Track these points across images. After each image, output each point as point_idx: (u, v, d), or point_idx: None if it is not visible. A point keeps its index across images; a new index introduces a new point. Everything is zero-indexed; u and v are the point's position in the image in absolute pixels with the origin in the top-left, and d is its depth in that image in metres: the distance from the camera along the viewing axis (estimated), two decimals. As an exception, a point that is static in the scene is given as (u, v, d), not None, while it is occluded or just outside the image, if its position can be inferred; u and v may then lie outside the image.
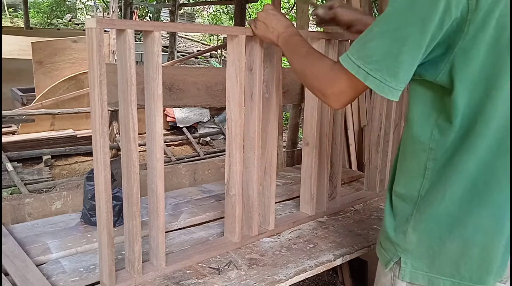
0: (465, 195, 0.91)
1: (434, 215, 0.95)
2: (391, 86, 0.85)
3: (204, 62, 11.75)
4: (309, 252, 1.52)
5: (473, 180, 0.90)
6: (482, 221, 0.91)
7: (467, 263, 0.93)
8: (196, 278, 1.33)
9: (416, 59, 0.84)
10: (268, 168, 1.58)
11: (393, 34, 0.84)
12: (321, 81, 0.98)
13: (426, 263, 0.97)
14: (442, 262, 0.95)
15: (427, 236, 0.96)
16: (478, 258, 0.93)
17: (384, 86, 0.85)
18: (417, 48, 0.83)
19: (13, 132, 4.88)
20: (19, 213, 1.71)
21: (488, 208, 0.90)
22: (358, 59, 0.87)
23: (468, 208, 0.91)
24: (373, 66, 0.85)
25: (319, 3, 1.50)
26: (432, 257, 0.96)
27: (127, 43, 1.12)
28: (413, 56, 0.83)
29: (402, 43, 0.83)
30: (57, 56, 5.41)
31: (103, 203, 1.18)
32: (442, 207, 0.93)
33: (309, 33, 1.63)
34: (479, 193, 0.90)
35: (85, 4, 18.23)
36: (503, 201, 0.90)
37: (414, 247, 0.98)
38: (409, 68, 0.85)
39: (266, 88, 1.50)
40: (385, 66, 0.84)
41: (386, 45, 0.84)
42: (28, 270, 1.31)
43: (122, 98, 1.19)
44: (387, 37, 0.84)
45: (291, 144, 3.03)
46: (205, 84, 2.09)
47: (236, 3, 5.99)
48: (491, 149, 0.88)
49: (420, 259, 0.97)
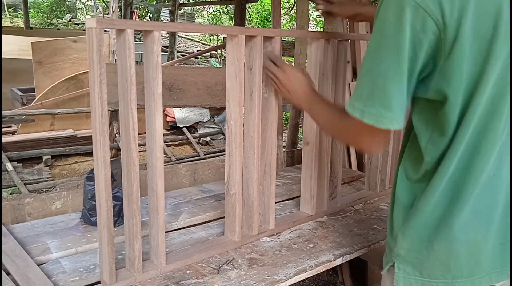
0: (447, 195, 0.94)
1: (422, 220, 0.97)
2: (387, 117, 0.88)
3: (204, 62, 11.75)
4: (309, 252, 1.52)
5: (452, 179, 0.93)
6: (463, 218, 0.93)
7: (456, 262, 0.95)
8: (196, 278, 1.33)
9: (402, 86, 0.87)
10: (268, 167, 1.58)
11: (375, 70, 0.89)
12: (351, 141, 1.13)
13: (417, 268, 0.98)
14: (432, 265, 0.96)
15: (417, 241, 0.98)
16: (465, 254, 0.94)
17: (383, 119, 0.89)
18: (399, 77, 0.86)
19: (13, 132, 4.87)
20: (19, 213, 1.71)
21: (467, 203, 0.92)
22: (356, 101, 0.93)
23: (450, 207, 0.94)
24: (366, 102, 0.90)
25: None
26: (422, 261, 0.97)
27: (126, 43, 1.12)
28: (399, 85, 0.87)
29: (384, 76, 0.87)
30: (57, 56, 5.41)
31: (103, 202, 1.18)
32: (429, 211, 0.96)
33: (309, 33, 1.63)
34: (458, 191, 0.93)
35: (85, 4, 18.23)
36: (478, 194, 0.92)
37: (405, 252, 1.00)
38: (399, 97, 0.88)
39: (266, 88, 1.50)
40: (377, 100, 0.88)
41: (372, 81, 0.89)
42: (30, 270, 1.31)
43: (122, 97, 1.19)
44: (371, 73, 0.90)
45: (291, 144, 3.03)
46: (205, 84, 2.09)
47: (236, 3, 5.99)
48: (468, 147, 0.90)
49: (411, 264, 0.99)
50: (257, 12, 12.59)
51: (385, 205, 1.99)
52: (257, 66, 1.42)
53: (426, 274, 0.97)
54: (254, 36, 1.40)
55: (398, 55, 0.85)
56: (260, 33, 1.42)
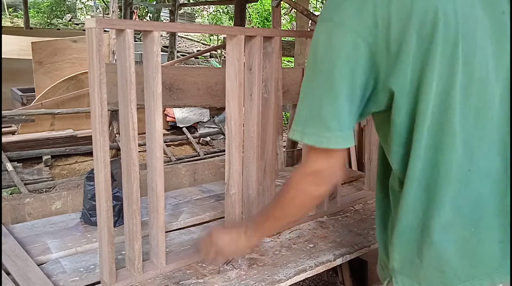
0: (421, 198, 0.92)
1: (404, 227, 0.95)
2: (326, 136, 0.89)
3: (204, 62, 11.74)
4: (309, 252, 1.52)
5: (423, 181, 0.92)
6: (444, 218, 0.91)
7: (449, 265, 0.92)
8: (196, 278, 1.33)
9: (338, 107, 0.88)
10: (267, 167, 1.58)
11: (310, 94, 0.90)
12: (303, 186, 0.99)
13: (414, 278, 0.96)
14: (427, 272, 0.94)
15: (406, 250, 0.96)
16: (456, 255, 0.92)
17: (322, 139, 0.90)
18: (333, 98, 0.88)
19: (13, 132, 4.87)
20: (19, 213, 1.71)
21: (445, 203, 0.91)
22: (295, 125, 0.93)
23: (428, 210, 0.92)
24: (304, 124, 0.91)
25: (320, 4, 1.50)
26: (417, 271, 0.95)
27: (126, 43, 1.13)
28: (334, 106, 0.88)
29: (319, 98, 0.89)
30: (57, 56, 5.41)
31: (103, 202, 1.18)
32: (409, 218, 0.94)
33: (309, 33, 1.63)
34: (432, 192, 0.91)
35: (85, 4, 18.24)
36: (455, 192, 0.91)
37: (399, 264, 0.98)
38: (336, 117, 0.89)
39: (265, 88, 1.50)
40: (315, 121, 0.90)
41: (308, 105, 0.91)
42: (30, 270, 1.31)
43: (122, 97, 1.19)
44: (307, 98, 0.91)
45: (291, 144, 3.03)
46: (205, 84, 2.09)
47: (236, 3, 6.00)
48: (428, 147, 0.90)
49: (407, 275, 0.97)
50: (257, 12, 12.60)
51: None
52: (256, 66, 1.42)
53: (424, 282, 0.95)
54: (253, 36, 1.40)
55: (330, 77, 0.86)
56: (260, 33, 1.42)
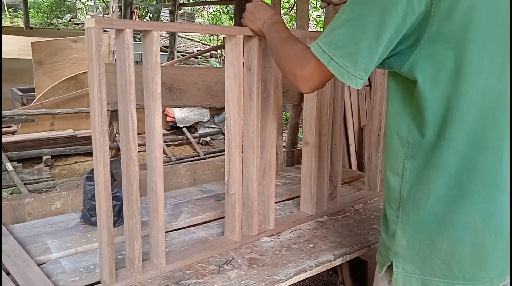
0: (449, 193, 0.90)
1: (421, 216, 0.94)
2: (350, 72, 0.87)
3: (204, 62, 11.74)
4: (309, 252, 1.52)
5: (455, 177, 0.89)
6: (469, 218, 0.90)
7: (459, 262, 0.92)
8: (196, 278, 1.33)
9: (375, 48, 0.85)
10: (267, 167, 1.58)
11: (356, 21, 0.85)
12: (292, 64, 1.00)
13: (417, 265, 0.95)
14: (434, 263, 0.94)
15: (416, 238, 0.95)
16: (469, 256, 0.92)
17: (344, 72, 0.87)
18: (376, 37, 0.84)
19: (13, 132, 4.87)
20: (19, 213, 1.71)
21: (474, 204, 0.89)
22: (324, 45, 0.89)
23: (453, 206, 0.90)
24: (337, 51, 0.87)
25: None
26: (423, 259, 0.94)
27: (126, 43, 1.13)
28: (372, 44, 0.84)
29: (363, 30, 0.84)
30: (57, 56, 5.41)
31: (103, 201, 1.18)
32: (428, 207, 0.92)
33: (309, 33, 1.63)
34: (463, 190, 0.89)
35: (85, 4, 18.24)
36: (488, 196, 0.89)
37: (404, 250, 0.97)
38: (368, 56, 0.85)
39: (265, 88, 1.50)
40: (347, 52, 0.86)
41: (350, 32, 0.86)
42: (30, 270, 1.31)
43: (122, 97, 1.19)
44: (351, 24, 0.86)
45: (291, 144, 3.03)
46: (205, 84, 2.09)
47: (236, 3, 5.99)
48: (470, 144, 0.87)
49: (412, 262, 0.96)
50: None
51: (385, 205, 1.99)
52: (256, 66, 1.42)
53: (427, 272, 0.95)
54: (253, 36, 1.40)
55: (383, 16, 0.82)
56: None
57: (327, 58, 0.88)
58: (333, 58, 0.88)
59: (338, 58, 0.87)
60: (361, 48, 0.85)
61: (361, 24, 0.84)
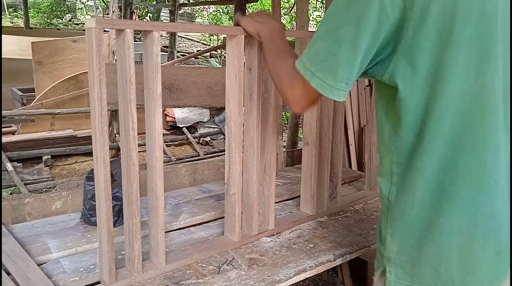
0: (433, 196, 0.89)
1: (408, 220, 0.92)
2: (331, 85, 0.86)
3: (204, 62, 11.74)
4: (309, 252, 1.52)
5: (438, 180, 0.88)
6: (454, 222, 0.88)
7: (447, 268, 0.90)
8: (196, 278, 1.33)
9: (354, 58, 0.84)
10: (267, 167, 1.58)
11: (333, 34, 0.85)
12: (282, 82, 0.98)
13: (408, 272, 0.94)
14: (423, 269, 0.92)
15: (405, 244, 0.93)
16: (457, 261, 0.90)
17: (325, 85, 0.87)
18: (353, 47, 0.83)
19: (13, 132, 4.87)
20: (19, 213, 1.71)
21: (458, 207, 0.88)
22: (307, 60, 0.89)
23: (438, 209, 0.89)
24: (317, 66, 0.87)
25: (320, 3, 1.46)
26: (412, 265, 0.93)
27: (126, 43, 1.13)
28: (351, 55, 0.84)
29: (340, 42, 0.84)
30: (57, 56, 5.41)
31: (103, 201, 1.18)
32: (414, 212, 0.91)
33: (309, 33, 1.63)
34: (446, 193, 0.88)
35: (85, 4, 18.23)
36: (472, 199, 0.88)
37: (395, 256, 0.95)
38: (347, 67, 0.85)
39: (265, 88, 1.50)
40: (327, 65, 0.86)
41: (328, 45, 0.86)
42: (30, 269, 1.31)
43: (122, 97, 1.19)
44: (329, 37, 0.86)
45: (291, 144, 3.03)
46: (205, 84, 2.09)
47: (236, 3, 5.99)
48: (449, 146, 0.86)
49: (402, 268, 0.95)
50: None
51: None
52: (256, 66, 1.42)
53: (417, 279, 0.93)
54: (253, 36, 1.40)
55: (358, 26, 0.82)
56: (260, 33, 1.42)
57: (309, 74, 0.88)
58: (314, 73, 0.87)
59: (319, 72, 0.87)
60: (339, 60, 0.85)
61: (338, 36, 0.84)
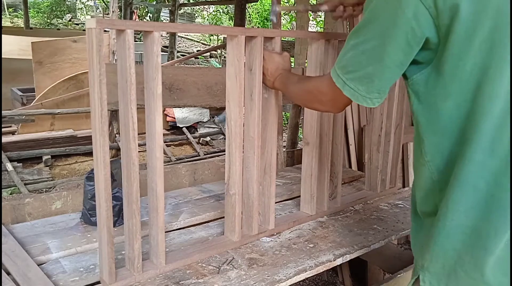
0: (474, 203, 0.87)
1: (447, 228, 0.91)
2: (363, 95, 0.92)
3: (204, 62, 11.74)
4: (309, 252, 1.52)
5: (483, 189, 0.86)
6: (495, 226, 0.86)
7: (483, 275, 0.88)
8: (196, 277, 1.33)
9: (381, 71, 0.89)
10: (268, 167, 1.58)
11: (361, 46, 0.90)
12: (314, 94, 1.09)
13: (443, 280, 0.93)
14: (459, 277, 0.90)
15: (441, 251, 0.92)
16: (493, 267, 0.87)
17: (357, 95, 0.93)
18: (379, 61, 0.88)
19: (13, 132, 4.87)
20: (19, 213, 1.71)
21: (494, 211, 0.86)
22: (339, 69, 0.95)
23: (478, 215, 0.87)
24: (348, 75, 0.93)
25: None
26: (448, 274, 0.92)
27: (126, 43, 1.13)
28: (377, 69, 0.89)
29: (367, 55, 0.89)
30: (57, 56, 5.40)
31: (103, 201, 1.18)
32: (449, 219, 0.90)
33: (309, 33, 1.63)
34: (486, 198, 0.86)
35: (85, 4, 18.23)
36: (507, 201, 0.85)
37: (430, 264, 0.94)
38: (377, 80, 0.90)
39: (265, 88, 1.50)
40: (358, 76, 0.91)
41: (356, 57, 0.91)
42: (30, 269, 1.31)
43: (122, 97, 1.19)
44: (357, 49, 0.91)
45: (291, 144, 3.03)
46: (205, 84, 2.09)
47: (236, 3, 6.00)
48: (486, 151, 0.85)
49: (437, 276, 0.93)
50: (257, 12, 12.60)
51: (385, 205, 2.00)
52: (257, 67, 1.42)
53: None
54: (254, 37, 1.40)
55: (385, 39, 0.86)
56: (260, 33, 1.42)
57: (341, 82, 0.94)
58: (346, 82, 0.93)
59: (351, 82, 0.93)
60: (368, 72, 0.89)
61: (365, 49, 0.89)
